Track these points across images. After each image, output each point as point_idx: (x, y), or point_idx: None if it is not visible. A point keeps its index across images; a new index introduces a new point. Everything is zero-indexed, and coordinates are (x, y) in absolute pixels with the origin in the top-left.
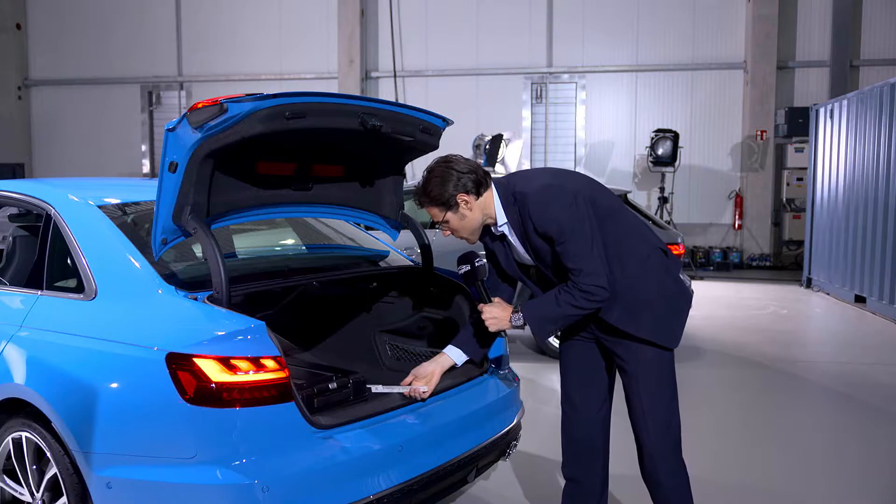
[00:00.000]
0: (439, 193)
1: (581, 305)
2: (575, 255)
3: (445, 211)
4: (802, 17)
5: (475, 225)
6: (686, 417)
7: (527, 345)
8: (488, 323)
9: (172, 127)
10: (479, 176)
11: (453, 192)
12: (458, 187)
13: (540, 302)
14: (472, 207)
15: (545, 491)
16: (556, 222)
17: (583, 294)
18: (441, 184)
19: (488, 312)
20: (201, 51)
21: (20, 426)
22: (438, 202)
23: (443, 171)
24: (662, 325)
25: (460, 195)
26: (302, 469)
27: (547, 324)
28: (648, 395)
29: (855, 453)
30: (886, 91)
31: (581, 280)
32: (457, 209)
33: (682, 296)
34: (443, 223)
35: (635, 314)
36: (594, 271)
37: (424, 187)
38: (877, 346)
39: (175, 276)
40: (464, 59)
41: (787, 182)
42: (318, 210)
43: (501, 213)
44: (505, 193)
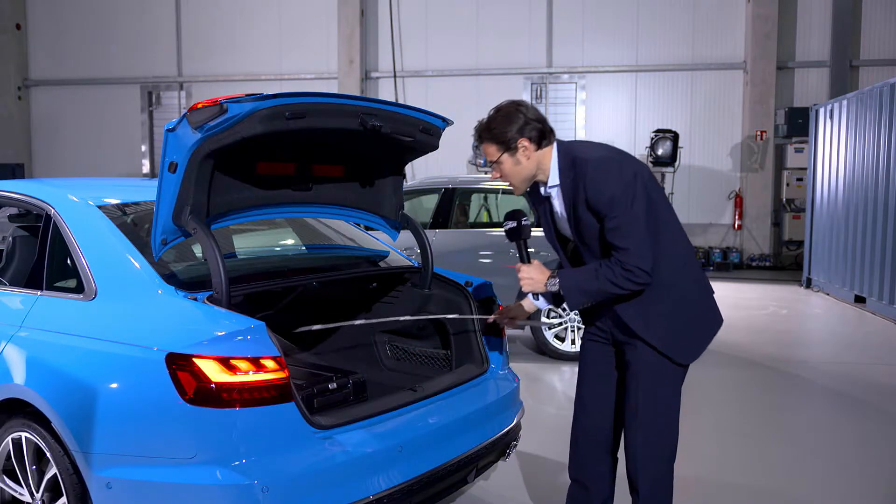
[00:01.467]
0: (502, 132)
1: (620, 284)
2: (624, 233)
3: (503, 152)
4: (802, 18)
5: (527, 174)
6: (686, 418)
7: (527, 345)
8: (523, 283)
9: (172, 127)
10: (545, 128)
11: (516, 134)
12: (523, 131)
13: (578, 272)
14: (529, 156)
15: (545, 491)
16: (610, 196)
17: (625, 273)
18: (506, 123)
19: (525, 272)
20: (201, 51)
21: (20, 426)
22: (499, 140)
23: (511, 111)
24: (676, 338)
25: (522, 140)
26: (302, 469)
27: (581, 295)
28: (645, 398)
29: (855, 453)
30: (886, 91)
31: (626, 259)
32: (514, 153)
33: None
34: (496, 164)
35: (651, 321)
36: (641, 253)
37: (489, 123)
38: (876, 346)
39: (175, 277)
40: (464, 59)
41: (786, 182)
42: (318, 210)
43: (556, 174)
44: (565, 156)
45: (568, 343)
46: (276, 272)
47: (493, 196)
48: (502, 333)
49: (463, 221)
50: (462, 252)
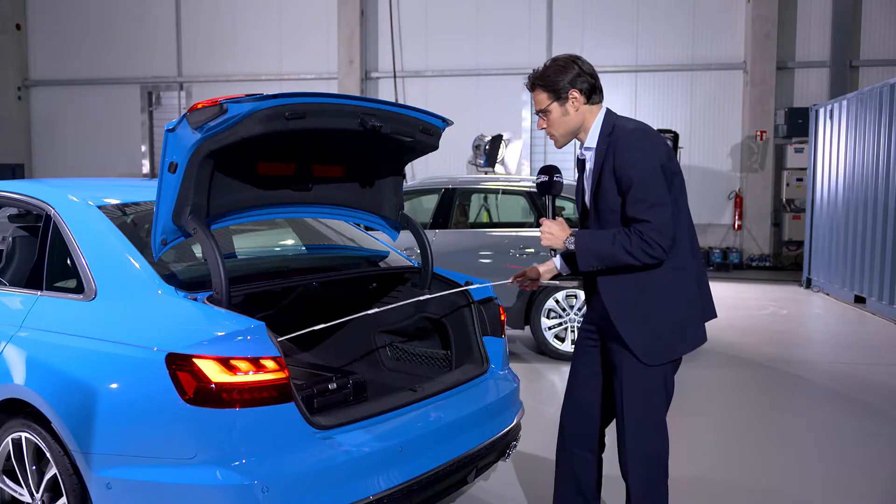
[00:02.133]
0: (555, 80)
1: (634, 253)
2: (647, 205)
3: (553, 100)
4: (802, 18)
5: (572, 127)
6: (686, 418)
7: (527, 345)
8: (543, 236)
9: (172, 127)
10: (597, 84)
11: (568, 84)
12: (575, 82)
13: (595, 234)
14: (577, 108)
15: (545, 491)
16: (641, 161)
17: (641, 242)
18: (560, 72)
19: (547, 227)
20: (201, 51)
21: (20, 427)
22: (550, 88)
23: (567, 62)
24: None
25: (573, 90)
26: (302, 469)
27: (592, 258)
28: (629, 401)
29: (854, 453)
30: (886, 91)
31: (646, 230)
32: (564, 103)
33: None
34: (544, 112)
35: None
36: (662, 227)
37: (543, 71)
38: (876, 346)
39: (175, 277)
40: (463, 59)
41: (786, 182)
42: (318, 210)
43: (595, 136)
44: (608, 121)
45: (568, 343)
46: (276, 272)
47: (493, 196)
48: (502, 333)
49: (463, 222)
50: (462, 252)
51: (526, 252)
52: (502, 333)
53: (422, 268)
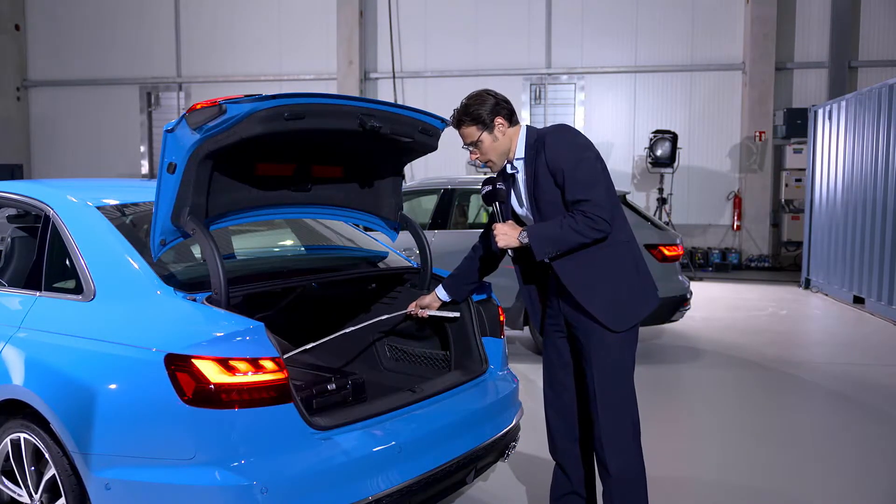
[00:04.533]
0: (479, 113)
1: (582, 231)
2: (584, 184)
3: (482, 131)
4: (801, 19)
5: (503, 149)
6: (685, 418)
7: (526, 346)
8: (498, 238)
9: (171, 128)
10: (511, 108)
11: (491, 114)
12: (497, 111)
13: (544, 225)
14: (504, 132)
15: (544, 492)
16: (569, 151)
17: (586, 220)
18: (481, 104)
19: (500, 229)
20: (200, 52)
21: (19, 427)
22: (478, 120)
23: (483, 95)
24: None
25: (497, 118)
26: (301, 470)
27: (546, 243)
28: (599, 376)
29: (854, 454)
30: (885, 92)
31: (588, 207)
32: (492, 130)
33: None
34: (476, 143)
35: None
36: (601, 203)
37: (465, 108)
38: (875, 346)
39: (174, 277)
40: (463, 60)
41: (785, 183)
42: (317, 211)
43: (522, 148)
44: (530, 134)
45: None
46: (275, 273)
47: None
48: (501, 334)
49: (462, 222)
50: (461, 253)
51: None
52: (501, 334)
53: (421, 268)
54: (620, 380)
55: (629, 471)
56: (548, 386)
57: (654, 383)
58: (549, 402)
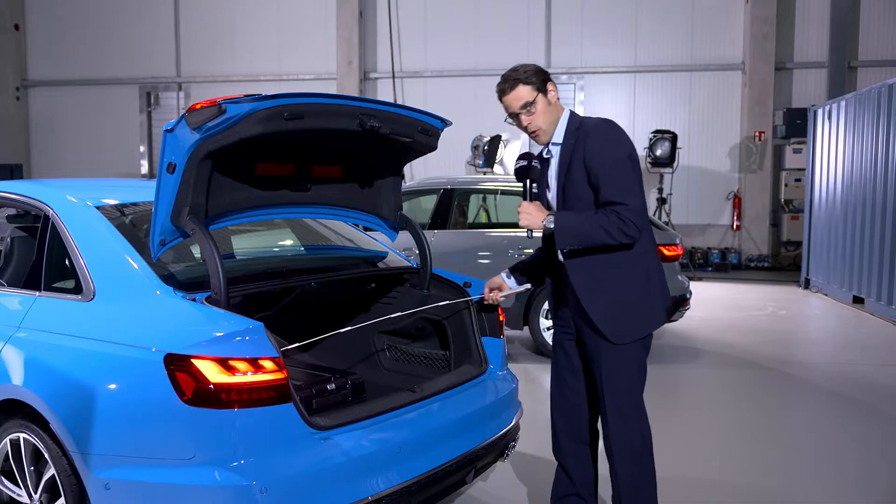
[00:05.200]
0: (532, 76)
1: (611, 232)
2: (622, 188)
3: (537, 93)
4: (800, 19)
5: (555, 117)
6: (685, 418)
7: (525, 346)
8: (522, 217)
9: (171, 128)
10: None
11: (544, 80)
12: (547, 77)
13: (573, 214)
14: (555, 100)
15: (543, 492)
16: (612, 152)
17: (619, 222)
18: (532, 69)
19: (525, 208)
20: (200, 51)
21: (18, 427)
22: (531, 82)
23: (528, 64)
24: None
25: (549, 83)
26: (300, 470)
27: (570, 235)
28: (607, 385)
29: (853, 453)
30: (884, 92)
31: (623, 210)
32: (546, 94)
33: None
34: (530, 105)
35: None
36: (637, 209)
37: (515, 71)
38: (875, 346)
39: (173, 277)
40: (462, 60)
41: (785, 183)
42: (317, 211)
43: (562, 133)
44: (573, 120)
45: None
46: (274, 273)
47: (492, 197)
48: (501, 334)
49: (461, 222)
50: (461, 253)
51: (525, 252)
52: (501, 334)
53: (420, 268)
54: (629, 388)
55: (637, 478)
56: (555, 387)
57: (654, 383)
58: (556, 403)
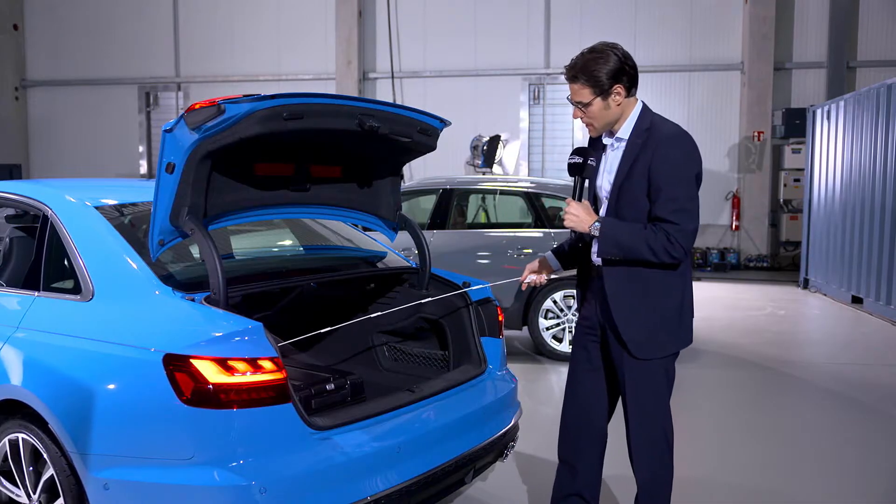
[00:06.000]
0: (598, 75)
1: (656, 251)
2: (679, 208)
3: (596, 95)
4: (799, 19)
5: (611, 119)
6: (684, 418)
7: (525, 346)
8: (567, 218)
9: (170, 128)
10: (635, 75)
11: (612, 79)
12: (619, 77)
13: (622, 224)
14: (619, 102)
15: (543, 492)
16: (680, 169)
17: (667, 242)
18: (604, 63)
19: (573, 209)
20: (199, 52)
21: (17, 427)
22: (594, 83)
23: (607, 53)
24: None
25: (617, 86)
26: (300, 470)
27: (614, 247)
28: (631, 391)
29: (852, 453)
30: (883, 92)
31: (673, 231)
32: (607, 97)
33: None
34: (586, 105)
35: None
36: (687, 232)
37: (586, 63)
38: (874, 346)
39: (172, 277)
40: (461, 60)
41: (784, 183)
42: (316, 211)
43: (630, 128)
44: (643, 118)
45: (565, 343)
46: (273, 273)
47: (491, 197)
48: (500, 334)
49: (461, 222)
50: (460, 253)
51: (524, 253)
52: (500, 334)
53: (420, 268)
54: (653, 399)
55: (657, 486)
56: (570, 385)
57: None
58: (570, 401)
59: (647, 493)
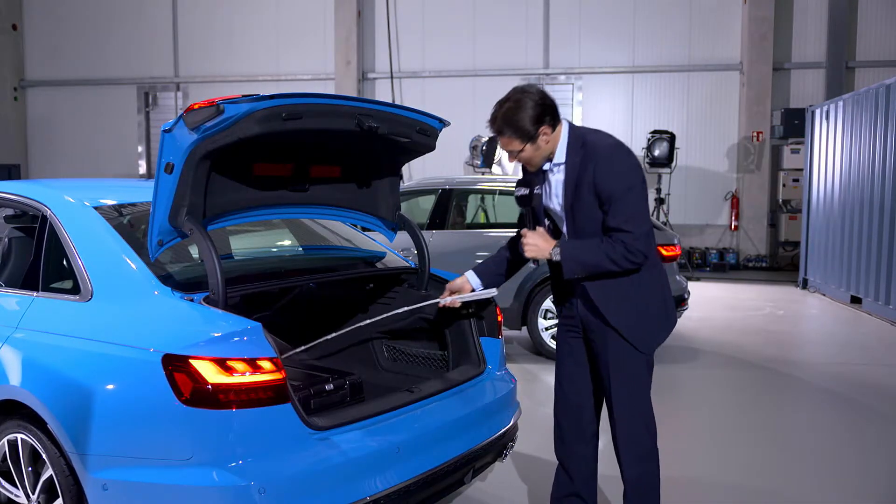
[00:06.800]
0: (522, 125)
1: (617, 261)
2: (630, 216)
3: (526, 142)
4: (798, 19)
5: (546, 154)
6: (683, 418)
7: (524, 346)
8: (527, 248)
9: (169, 128)
10: (555, 107)
11: (536, 125)
12: (541, 120)
13: (579, 244)
14: (548, 140)
15: (542, 492)
16: (622, 181)
17: (625, 252)
18: (523, 111)
19: (531, 239)
20: (198, 52)
21: (15, 428)
22: (521, 134)
23: (523, 101)
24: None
25: (543, 127)
26: (299, 471)
27: (578, 266)
28: (616, 387)
29: (851, 453)
30: (882, 92)
31: (629, 240)
32: (536, 140)
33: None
34: (517, 153)
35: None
36: (642, 236)
37: (506, 117)
38: (872, 346)
39: (171, 278)
40: (460, 60)
41: (783, 183)
42: (315, 211)
43: (563, 152)
44: (574, 136)
45: None
46: (272, 273)
47: (490, 197)
48: (499, 334)
49: (460, 222)
50: (459, 253)
51: None
52: (499, 334)
53: (419, 268)
54: (638, 389)
55: (645, 477)
56: (558, 385)
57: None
58: (559, 401)
59: (636, 489)
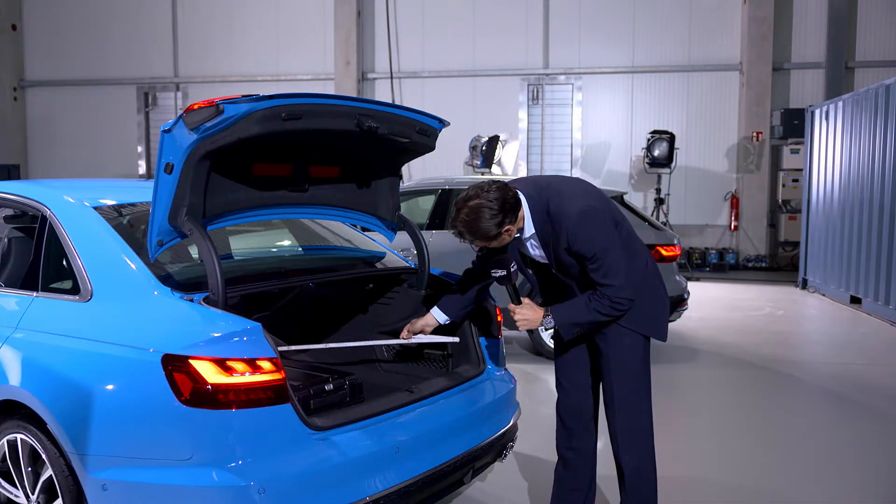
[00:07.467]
0: (487, 231)
1: (609, 314)
2: (608, 272)
3: (493, 240)
4: (798, 19)
5: (509, 239)
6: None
7: (523, 346)
8: (520, 323)
9: (168, 128)
10: (514, 200)
11: (498, 226)
12: (502, 224)
13: (570, 307)
14: (512, 232)
15: (541, 492)
16: (594, 246)
17: (612, 305)
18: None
19: (520, 314)
20: (197, 52)
21: (15, 428)
22: (486, 238)
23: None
24: (652, 321)
25: (505, 227)
26: (298, 471)
27: (574, 327)
28: (618, 381)
29: (851, 453)
30: (882, 92)
31: (613, 293)
32: (501, 236)
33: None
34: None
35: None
36: (623, 285)
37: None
38: (872, 346)
39: (171, 278)
40: (460, 60)
41: (782, 183)
42: (315, 211)
43: (530, 225)
44: (537, 208)
45: None
46: (272, 273)
47: None
48: (499, 334)
49: None
50: (459, 253)
51: None
52: (499, 334)
53: (418, 269)
54: (639, 384)
55: (643, 471)
56: (559, 382)
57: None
58: (561, 398)
59: (634, 484)
